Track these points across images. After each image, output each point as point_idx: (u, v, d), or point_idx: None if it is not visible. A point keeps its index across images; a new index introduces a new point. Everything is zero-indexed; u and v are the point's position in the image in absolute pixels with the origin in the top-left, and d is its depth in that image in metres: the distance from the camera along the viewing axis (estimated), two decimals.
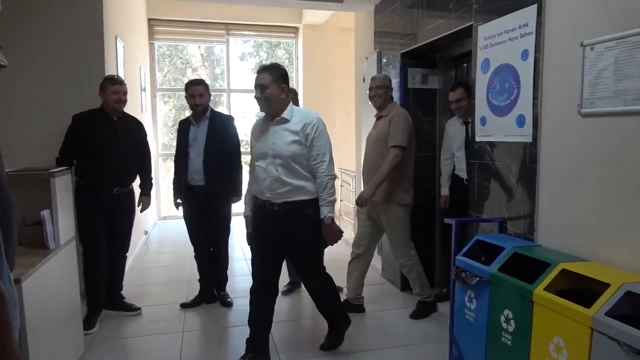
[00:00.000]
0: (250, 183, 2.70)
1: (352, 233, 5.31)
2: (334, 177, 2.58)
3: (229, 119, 3.54)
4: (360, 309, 3.42)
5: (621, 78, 1.86)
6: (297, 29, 7.61)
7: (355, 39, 5.07)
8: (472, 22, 2.86)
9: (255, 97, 2.50)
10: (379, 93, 3.27)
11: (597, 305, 1.67)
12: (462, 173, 3.39)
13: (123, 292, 3.49)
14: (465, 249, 2.49)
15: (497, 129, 2.64)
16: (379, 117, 3.34)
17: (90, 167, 3.03)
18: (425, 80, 3.92)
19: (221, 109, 7.45)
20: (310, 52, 7.36)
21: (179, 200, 3.55)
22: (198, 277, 3.67)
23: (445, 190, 3.57)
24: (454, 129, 3.47)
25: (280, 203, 2.50)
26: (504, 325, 2.12)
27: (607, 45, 1.92)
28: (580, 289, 1.84)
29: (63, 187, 2.57)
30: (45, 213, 2.35)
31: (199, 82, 3.42)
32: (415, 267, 3.30)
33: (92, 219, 3.08)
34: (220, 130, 3.39)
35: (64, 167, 2.66)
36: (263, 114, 2.61)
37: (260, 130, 2.59)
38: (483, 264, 2.31)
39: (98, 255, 3.15)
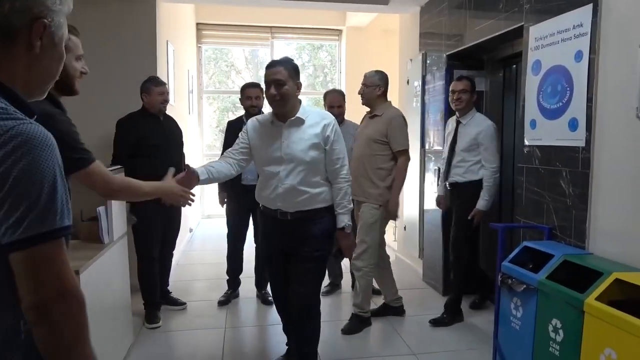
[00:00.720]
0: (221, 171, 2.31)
1: (393, 236, 5.28)
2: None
3: None
4: (400, 310, 3.39)
5: None
6: (340, 31, 7.64)
7: (400, 41, 5.04)
8: (522, 23, 2.79)
9: (269, 94, 2.20)
10: (364, 91, 3.23)
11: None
12: (447, 177, 3.35)
13: (169, 287, 3.62)
14: (511, 255, 2.43)
15: (547, 132, 2.56)
16: (372, 116, 3.25)
17: (145, 167, 3.07)
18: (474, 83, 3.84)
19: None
20: (354, 54, 7.36)
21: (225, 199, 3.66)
22: (228, 277, 3.77)
23: (439, 190, 3.56)
24: (448, 128, 3.46)
25: (293, 212, 2.27)
26: (552, 334, 2.05)
27: None
28: (635, 300, 1.76)
29: None
30: (101, 209, 2.47)
31: (256, 85, 3.54)
32: (369, 275, 3.20)
33: (149, 218, 3.15)
34: None
35: (119, 167, 2.78)
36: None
37: (268, 131, 2.31)
38: (530, 271, 2.25)
39: (153, 253, 3.27)
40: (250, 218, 3.62)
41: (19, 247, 0.77)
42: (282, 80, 2.18)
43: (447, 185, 3.35)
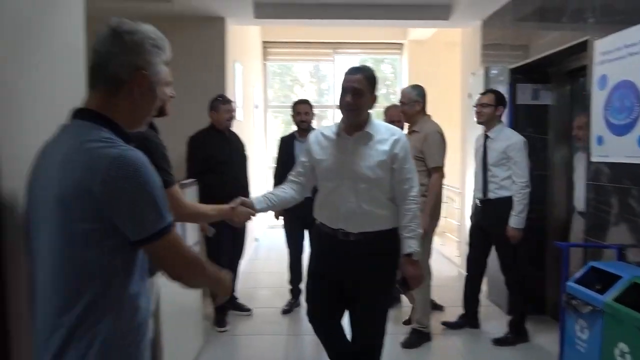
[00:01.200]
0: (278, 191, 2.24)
1: (456, 251, 5.21)
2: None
3: None
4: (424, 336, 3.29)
5: None
6: (402, 45, 7.68)
7: (462, 54, 5.02)
8: (587, 37, 2.73)
9: (345, 102, 2.06)
10: (404, 109, 3.24)
11: None
12: (478, 193, 3.28)
13: (236, 294, 3.83)
14: (577, 276, 2.37)
15: (615, 149, 2.48)
16: (411, 132, 3.22)
17: (215, 181, 3.29)
18: (536, 95, 3.77)
19: (326, 123, 7.75)
20: (415, 68, 7.36)
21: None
22: (291, 287, 3.91)
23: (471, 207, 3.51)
24: (477, 143, 3.38)
25: (356, 233, 2.09)
26: (619, 359, 1.99)
27: None
28: None
29: (190, 197, 2.93)
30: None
31: (305, 102, 3.72)
32: (426, 289, 3.16)
33: (219, 229, 3.29)
34: None
35: (192, 180, 3.02)
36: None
37: (333, 144, 2.15)
38: (597, 292, 2.19)
39: (222, 261, 3.49)
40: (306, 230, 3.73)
41: (152, 240, 1.04)
42: (360, 89, 2.04)
43: (478, 202, 3.29)
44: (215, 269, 1.28)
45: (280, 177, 3.70)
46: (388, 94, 8.67)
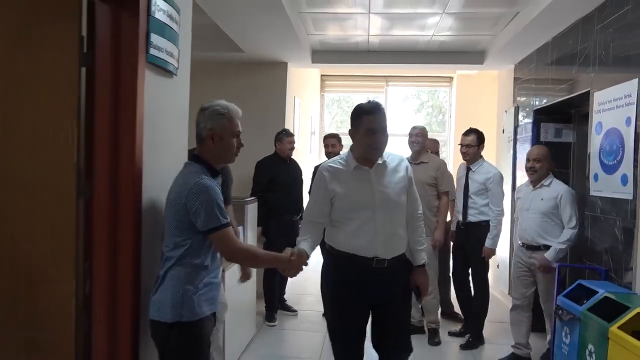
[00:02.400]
0: (308, 233, 2.23)
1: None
2: None
3: None
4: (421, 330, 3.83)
5: None
6: (451, 78, 8.17)
7: (498, 92, 5.49)
8: (589, 89, 3.18)
9: (379, 141, 2.14)
10: (418, 140, 3.77)
11: (633, 328, 1.95)
12: (459, 215, 3.79)
13: (285, 296, 4.48)
14: (566, 291, 2.80)
15: (606, 185, 2.91)
16: (418, 163, 3.72)
17: (277, 200, 4.04)
18: (559, 134, 4.18)
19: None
20: (463, 100, 7.82)
21: None
22: None
23: (453, 226, 3.98)
24: (459, 173, 3.88)
25: (390, 259, 2.16)
26: (588, 358, 2.41)
27: None
28: None
29: (252, 211, 3.65)
30: (240, 228, 3.42)
31: (333, 135, 4.33)
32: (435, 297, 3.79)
33: (276, 240, 3.98)
34: None
35: (253, 198, 3.75)
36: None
37: (352, 177, 2.19)
38: (578, 304, 2.62)
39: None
40: None
41: (208, 233, 1.72)
42: (385, 127, 2.16)
43: (461, 225, 3.78)
44: (270, 255, 2.02)
45: None
46: (443, 121, 9.10)
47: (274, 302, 4.21)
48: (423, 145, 3.82)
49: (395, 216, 2.18)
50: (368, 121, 2.14)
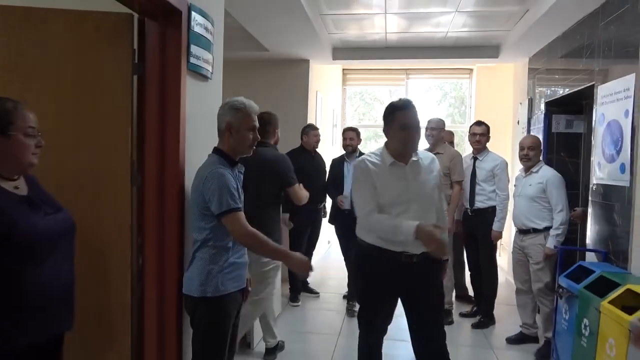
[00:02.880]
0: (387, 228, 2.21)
1: (505, 259, 5.78)
2: None
3: None
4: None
5: None
6: (471, 70, 8.28)
7: (514, 85, 5.64)
8: (594, 82, 3.36)
9: (415, 137, 2.24)
10: (433, 133, 3.96)
11: (637, 314, 2.17)
12: (466, 203, 3.98)
13: (308, 279, 4.80)
14: (567, 272, 3.02)
15: (607, 173, 3.10)
16: (435, 154, 3.84)
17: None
18: (570, 125, 4.34)
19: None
20: (483, 92, 7.94)
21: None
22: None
23: (457, 215, 4.12)
24: (466, 164, 4.05)
25: (419, 254, 2.23)
26: (583, 331, 2.64)
27: None
28: None
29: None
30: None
31: (351, 129, 4.46)
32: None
33: (300, 226, 4.31)
34: None
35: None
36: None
37: (388, 172, 2.26)
38: (577, 284, 2.84)
39: (300, 251, 4.45)
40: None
41: (220, 216, 1.91)
42: (418, 123, 2.24)
43: (470, 212, 4.01)
44: (276, 247, 2.08)
45: (330, 191, 4.47)
46: (466, 112, 9.22)
47: (297, 285, 4.54)
48: (438, 137, 4.03)
49: (426, 212, 2.24)
50: (401, 116, 2.23)
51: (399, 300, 2.39)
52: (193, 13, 2.15)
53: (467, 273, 4.46)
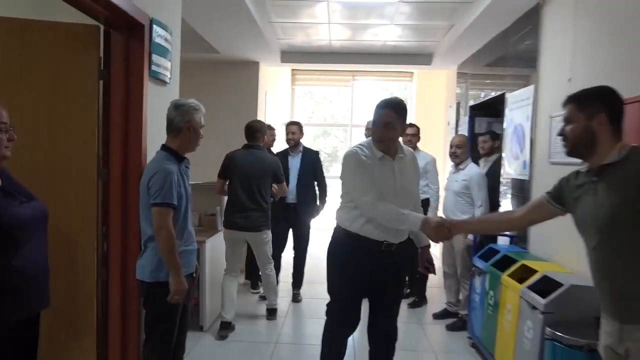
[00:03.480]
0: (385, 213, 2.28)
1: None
2: None
3: (317, 153, 4.68)
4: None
5: None
6: (412, 73, 8.86)
7: (446, 90, 6.22)
8: (505, 91, 3.91)
9: (383, 134, 2.33)
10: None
11: (525, 283, 2.68)
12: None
13: None
14: (479, 253, 3.53)
15: (514, 169, 3.65)
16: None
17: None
18: (490, 126, 4.91)
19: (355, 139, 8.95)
20: (421, 94, 8.52)
21: None
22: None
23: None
24: (423, 162, 4.21)
25: (397, 243, 2.39)
26: (490, 302, 3.15)
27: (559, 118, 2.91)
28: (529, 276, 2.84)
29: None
30: (217, 208, 4.03)
31: (294, 123, 4.59)
32: None
33: (277, 226, 4.32)
34: (310, 161, 4.54)
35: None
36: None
37: (378, 165, 2.36)
38: (485, 262, 3.35)
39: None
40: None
41: (155, 205, 2.09)
42: (392, 123, 2.31)
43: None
44: (177, 260, 2.12)
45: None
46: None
47: (255, 277, 4.70)
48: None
49: (407, 205, 2.33)
50: (377, 114, 2.37)
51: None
52: (154, 26, 2.44)
53: None
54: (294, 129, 4.54)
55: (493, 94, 4.35)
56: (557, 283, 2.49)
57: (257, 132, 3.79)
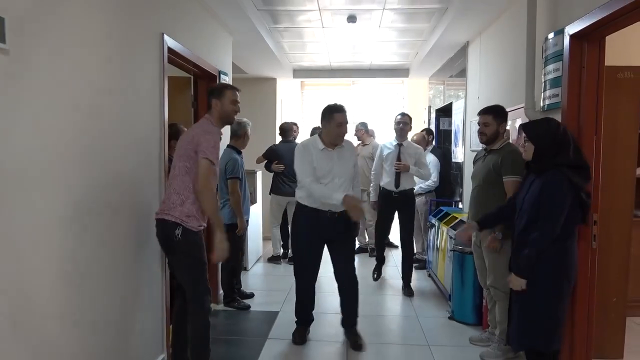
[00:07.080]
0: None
1: None
2: None
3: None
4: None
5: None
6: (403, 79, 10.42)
7: (423, 95, 7.83)
8: (452, 101, 5.54)
9: (342, 132, 3.17)
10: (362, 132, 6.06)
11: (449, 225, 4.33)
12: (390, 186, 4.72)
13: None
14: (433, 213, 5.17)
15: (456, 155, 5.29)
16: (364, 145, 6.07)
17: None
18: (450, 125, 6.52)
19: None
20: (411, 95, 10.10)
21: None
22: None
23: (374, 197, 5.09)
24: (385, 150, 4.89)
25: (338, 212, 3.17)
26: (438, 246, 4.79)
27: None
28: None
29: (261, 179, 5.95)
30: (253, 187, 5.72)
31: (293, 124, 6.30)
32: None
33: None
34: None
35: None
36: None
37: (321, 154, 3.18)
38: (437, 219, 4.99)
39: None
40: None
41: (229, 178, 4.19)
42: (347, 122, 3.20)
43: (394, 193, 4.71)
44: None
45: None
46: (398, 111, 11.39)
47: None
48: (362, 133, 6.13)
49: (344, 183, 3.21)
50: (338, 117, 3.15)
51: (325, 248, 3.34)
52: (221, 74, 4.12)
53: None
54: (294, 128, 6.05)
55: (446, 102, 5.99)
56: (463, 222, 4.14)
57: (288, 130, 5.64)
